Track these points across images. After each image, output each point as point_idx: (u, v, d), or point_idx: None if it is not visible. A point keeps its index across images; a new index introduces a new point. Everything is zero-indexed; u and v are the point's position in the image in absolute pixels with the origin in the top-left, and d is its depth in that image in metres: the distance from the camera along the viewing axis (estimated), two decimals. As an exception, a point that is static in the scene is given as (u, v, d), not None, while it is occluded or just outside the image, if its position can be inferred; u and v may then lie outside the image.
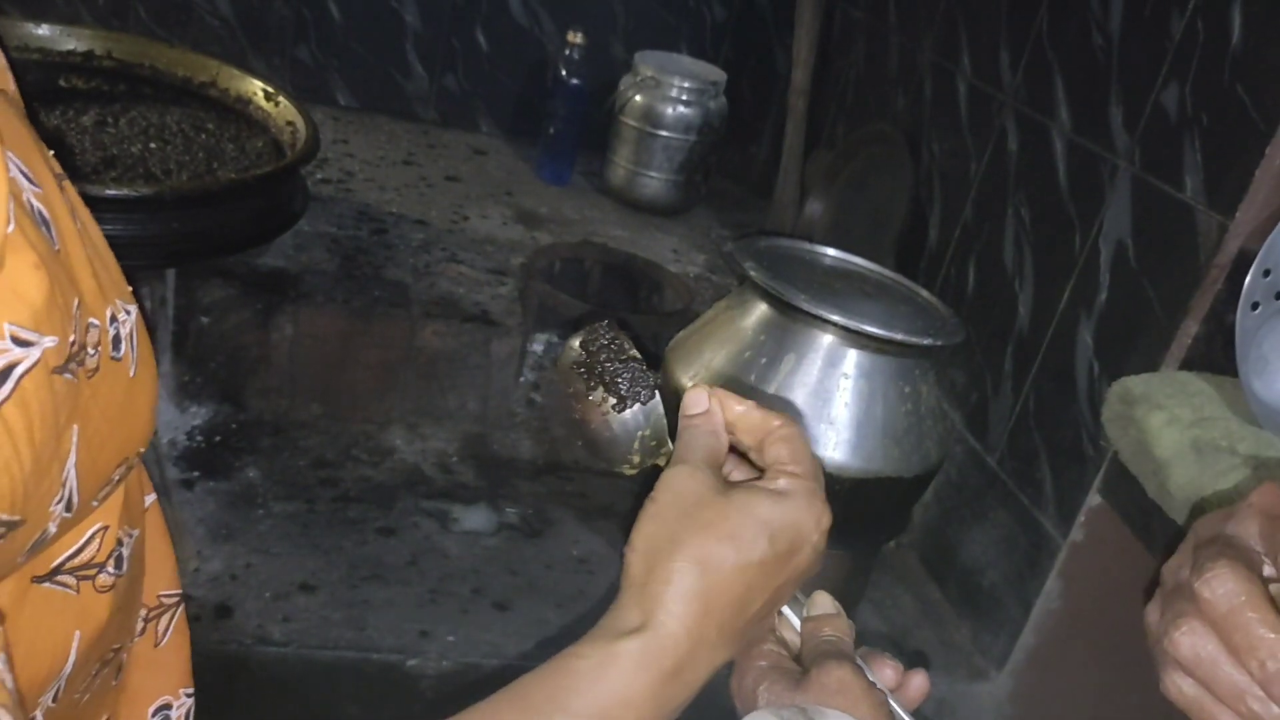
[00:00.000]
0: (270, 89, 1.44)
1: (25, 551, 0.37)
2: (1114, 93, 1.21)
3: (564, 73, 1.85)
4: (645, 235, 1.83)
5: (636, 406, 0.55)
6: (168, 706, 0.53)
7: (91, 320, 0.38)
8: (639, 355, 0.57)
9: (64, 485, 0.37)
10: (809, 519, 0.50)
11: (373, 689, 1.13)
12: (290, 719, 1.10)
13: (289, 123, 1.40)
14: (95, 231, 0.40)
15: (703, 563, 0.47)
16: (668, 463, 0.56)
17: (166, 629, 0.53)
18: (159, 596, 0.52)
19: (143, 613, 0.52)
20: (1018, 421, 1.32)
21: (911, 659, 1.31)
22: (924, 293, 1.24)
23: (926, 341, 1.12)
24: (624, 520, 1.43)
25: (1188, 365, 1.10)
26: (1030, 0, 1.38)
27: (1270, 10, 1.04)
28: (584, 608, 1.27)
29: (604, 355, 0.56)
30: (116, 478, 0.42)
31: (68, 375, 0.36)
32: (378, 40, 1.95)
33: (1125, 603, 1.20)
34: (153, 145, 1.33)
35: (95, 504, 0.42)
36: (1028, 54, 1.37)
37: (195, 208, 1.18)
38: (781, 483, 0.50)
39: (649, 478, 0.57)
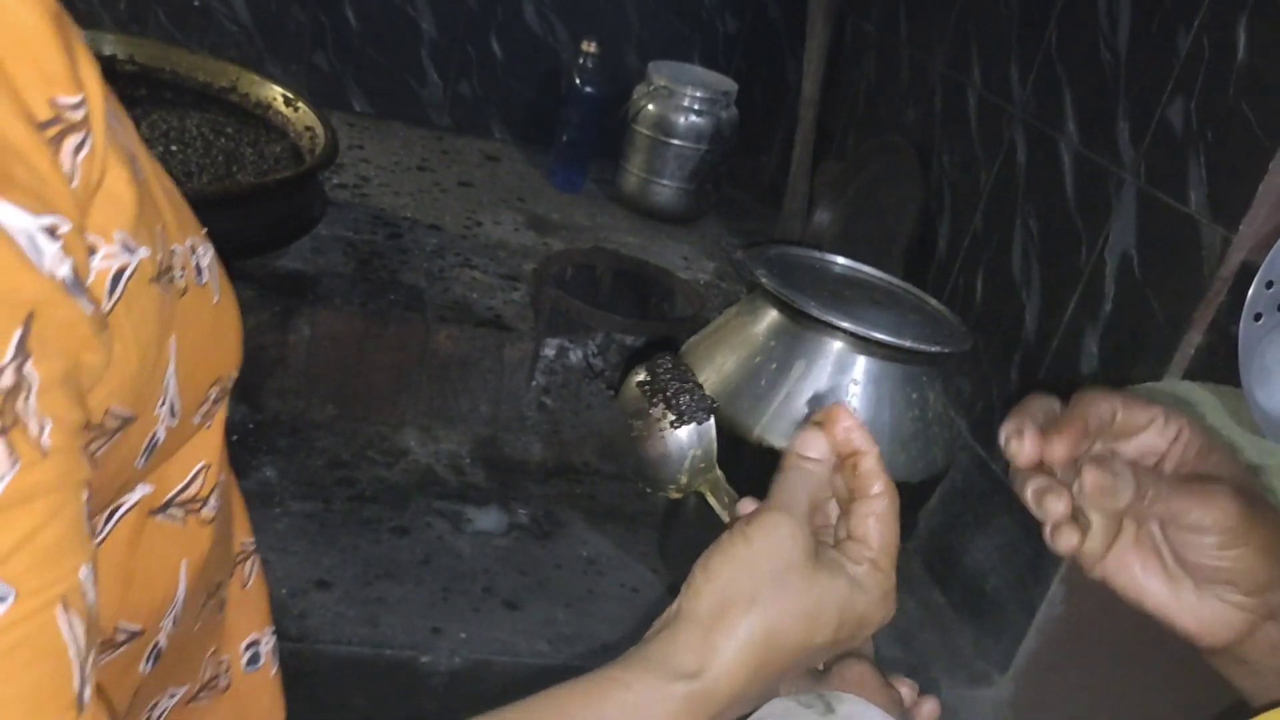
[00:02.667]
0: (290, 94, 1.47)
1: (141, 454, 0.40)
2: (1121, 107, 1.23)
3: (578, 81, 1.87)
4: (656, 242, 1.85)
5: (692, 425, 0.58)
6: (256, 642, 0.58)
7: (174, 246, 0.40)
8: (700, 383, 0.60)
9: (166, 391, 0.39)
10: (878, 616, 0.50)
11: (385, 684, 1.15)
12: (304, 713, 1.12)
13: (308, 128, 1.43)
14: (167, 179, 0.42)
15: (771, 630, 0.47)
16: (712, 489, 0.59)
17: (250, 572, 0.58)
18: (241, 543, 0.57)
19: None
20: (1023, 430, 1.34)
21: (912, 670, 1.33)
22: (932, 301, 1.26)
23: (934, 349, 1.13)
24: (632, 523, 1.45)
25: (1191, 375, 1.12)
26: (1040, 15, 1.40)
27: (1276, 28, 1.06)
28: (593, 607, 1.29)
29: (669, 376, 0.60)
30: (212, 397, 0.45)
31: (161, 288, 0.38)
32: (394, 47, 1.97)
33: (1128, 610, 1.21)
34: (173, 149, 1.35)
35: (196, 420, 0.45)
36: (1037, 68, 1.39)
37: (215, 211, 1.20)
38: (864, 572, 0.50)
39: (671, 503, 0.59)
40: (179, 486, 0.46)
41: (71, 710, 0.32)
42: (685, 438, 0.59)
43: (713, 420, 0.59)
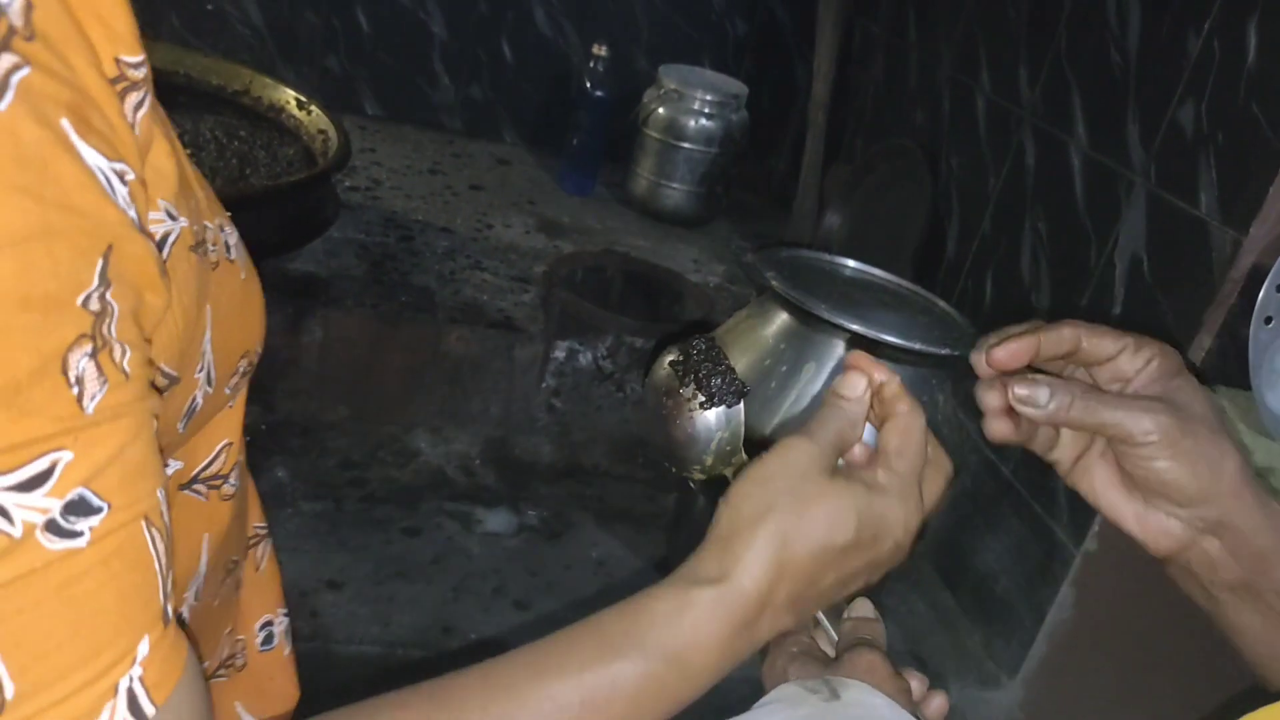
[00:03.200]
0: (303, 98, 1.48)
1: (182, 417, 0.41)
2: (1131, 110, 1.24)
3: (588, 85, 1.88)
4: (666, 245, 1.86)
5: (721, 408, 0.58)
6: (270, 623, 0.60)
7: (205, 223, 0.42)
8: (733, 367, 0.60)
9: (204, 357, 0.41)
10: (897, 517, 0.52)
11: (395, 684, 1.16)
12: (314, 711, 1.13)
13: (320, 131, 1.44)
14: (191, 165, 0.44)
15: (787, 535, 0.49)
16: (736, 474, 0.59)
17: (263, 556, 0.59)
18: (254, 527, 0.58)
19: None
20: (1033, 432, 1.34)
21: (921, 670, 1.33)
22: (942, 304, 1.26)
23: (944, 351, 1.13)
24: (640, 524, 1.46)
25: (1201, 378, 1.12)
26: (1049, 18, 1.40)
27: (1285, 31, 1.06)
28: (602, 608, 1.29)
29: (701, 357, 0.60)
30: (240, 370, 0.47)
31: (199, 258, 0.40)
32: (405, 51, 1.98)
33: (1138, 612, 1.21)
34: (187, 151, 1.36)
35: (226, 391, 0.46)
36: (1046, 71, 1.39)
37: (229, 213, 1.22)
38: (881, 476, 0.53)
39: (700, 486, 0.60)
40: (204, 462, 0.48)
41: (159, 622, 0.34)
42: (714, 420, 0.58)
43: (742, 405, 0.59)
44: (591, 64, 1.87)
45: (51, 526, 0.30)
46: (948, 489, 0.57)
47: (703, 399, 0.59)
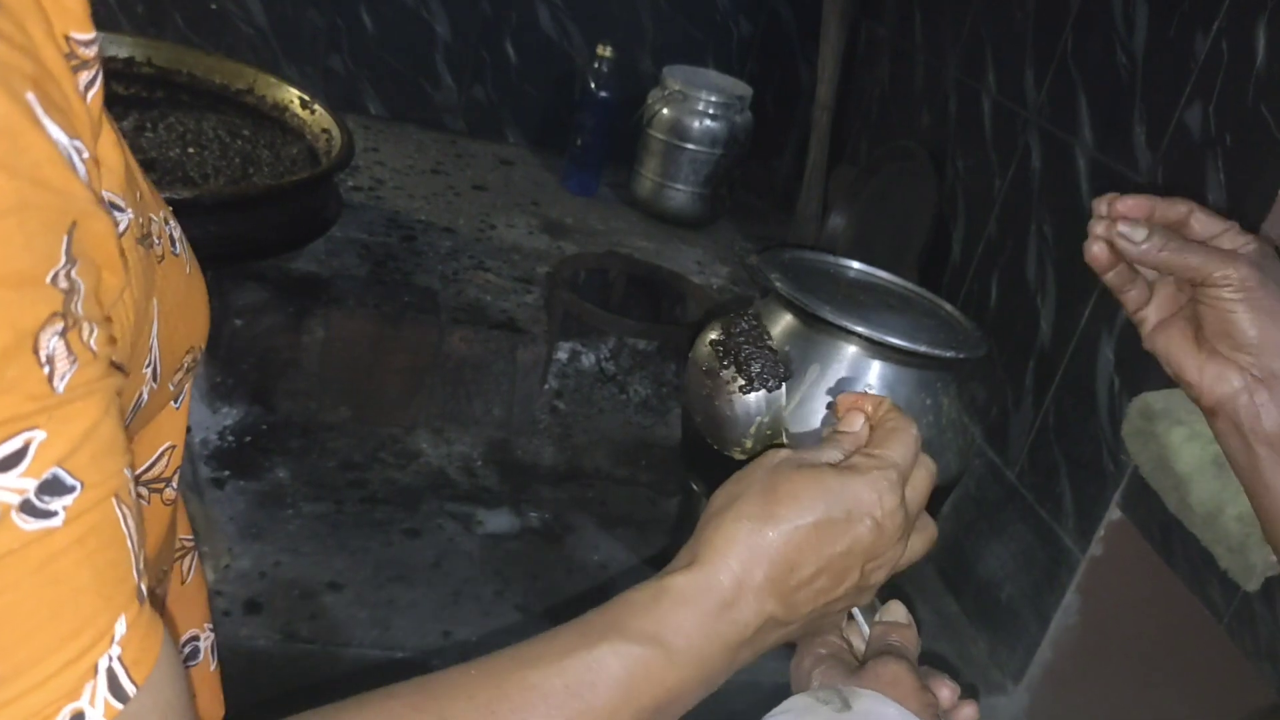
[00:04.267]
0: (306, 97, 1.47)
1: (129, 413, 0.40)
2: (1137, 111, 1.23)
3: (592, 85, 1.87)
4: (670, 247, 1.85)
5: (762, 392, 0.58)
6: (195, 638, 0.58)
7: (150, 215, 0.41)
8: (775, 348, 0.59)
9: (150, 351, 0.41)
10: (868, 493, 0.52)
11: (396, 687, 1.15)
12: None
13: (324, 130, 1.43)
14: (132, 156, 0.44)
15: (755, 518, 0.50)
16: None
17: (189, 569, 0.58)
18: (181, 539, 0.57)
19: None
20: (1038, 436, 1.33)
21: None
22: (947, 306, 1.25)
23: (949, 354, 1.13)
24: (642, 527, 1.45)
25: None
26: (1055, 19, 1.39)
27: (1295, 32, 1.05)
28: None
29: (743, 338, 0.59)
30: (185, 365, 0.46)
31: (145, 250, 0.39)
32: (409, 51, 1.98)
33: (1144, 618, 1.20)
34: (190, 150, 1.36)
35: (171, 388, 0.46)
36: (1052, 72, 1.39)
37: (232, 212, 1.21)
38: (855, 459, 0.54)
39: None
40: (147, 464, 0.47)
41: (134, 600, 0.34)
42: (753, 404, 0.58)
43: (784, 388, 0.59)
44: (595, 65, 1.87)
45: (26, 507, 0.30)
46: (929, 489, 0.56)
47: (742, 383, 0.58)
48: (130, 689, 0.33)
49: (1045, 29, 1.41)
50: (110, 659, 0.32)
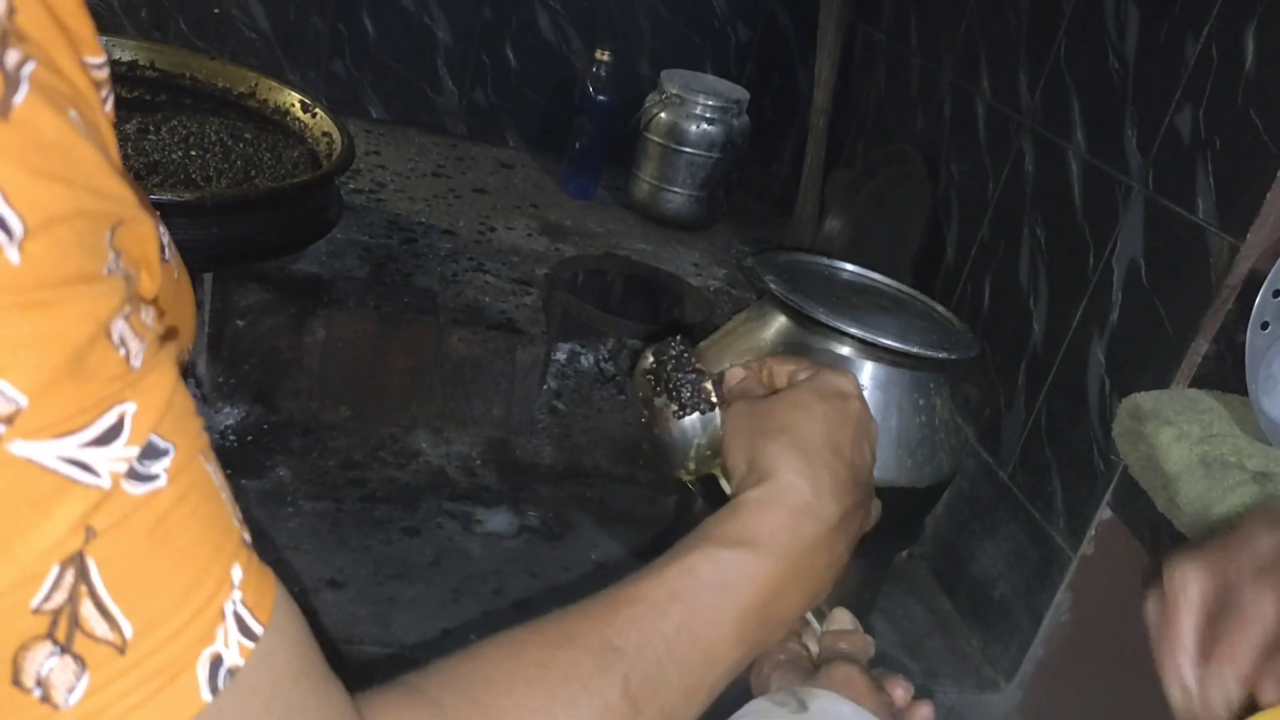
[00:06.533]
0: (308, 100, 1.49)
1: None
2: (1129, 116, 1.24)
3: (591, 90, 1.89)
4: (667, 249, 1.87)
5: (695, 415, 0.59)
6: None
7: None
8: (703, 369, 0.61)
9: None
10: (836, 377, 0.63)
11: (396, 683, 1.16)
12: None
13: (325, 134, 1.45)
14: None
15: (785, 429, 0.58)
16: (724, 473, 0.61)
17: None
18: None
19: None
20: (1030, 436, 1.34)
21: (919, 675, 1.33)
22: (940, 308, 1.27)
23: (942, 355, 1.14)
24: (641, 526, 1.46)
25: (1198, 383, 1.12)
26: (1049, 25, 1.41)
27: (1282, 38, 1.07)
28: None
29: (671, 365, 0.61)
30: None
31: None
32: (410, 56, 2.00)
33: (1135, 616, 1.21)
34: (193, 153, 1.37)
35: None
36: (1046, 77, 1.40)
37: (235, 214, 1.22)
38: (803, 373, 0.64)
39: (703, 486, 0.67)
40: None
41: (243, 548, 0.37)
42: (689, 427, 0.60)
43: (717, 411, 0.60)
44: (594, 69, 1.88)
45: (132, 474, 0.33)
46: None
47: (675, 408, 0.60)
48: (258, 628, 0.36)
49: (1039, 34, 1.43)
50: (234, 603, 0.36)
